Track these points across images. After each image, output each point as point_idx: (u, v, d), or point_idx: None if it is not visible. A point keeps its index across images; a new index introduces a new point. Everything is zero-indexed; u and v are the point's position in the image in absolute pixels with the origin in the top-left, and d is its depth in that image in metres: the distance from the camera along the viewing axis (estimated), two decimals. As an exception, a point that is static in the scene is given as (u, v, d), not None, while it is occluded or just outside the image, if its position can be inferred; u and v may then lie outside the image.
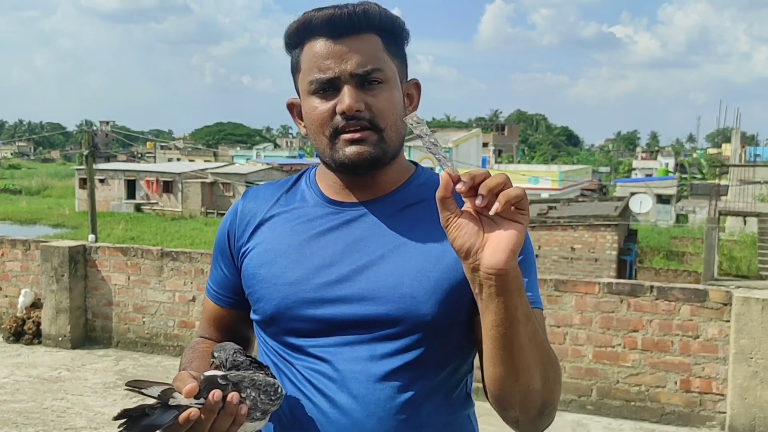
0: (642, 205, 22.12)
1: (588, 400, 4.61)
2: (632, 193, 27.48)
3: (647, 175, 49.89)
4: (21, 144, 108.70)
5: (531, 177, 34.65)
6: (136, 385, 0.99)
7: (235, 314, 1.30)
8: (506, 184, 0.90)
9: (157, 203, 39.02)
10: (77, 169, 40.76)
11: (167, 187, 39.13)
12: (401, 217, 1.17)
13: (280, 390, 1.08)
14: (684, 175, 48.82)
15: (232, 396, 1.00)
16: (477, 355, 1.17)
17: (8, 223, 35.10)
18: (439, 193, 0.93)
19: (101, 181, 37.88)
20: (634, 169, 60.52)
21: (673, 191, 38.47)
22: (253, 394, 1.04)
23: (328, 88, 1.12)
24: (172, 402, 0.96)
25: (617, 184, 43.58)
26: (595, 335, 4.56)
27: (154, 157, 73.74)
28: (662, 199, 37.40)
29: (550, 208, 20.83)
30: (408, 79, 1.22)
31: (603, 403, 4.58)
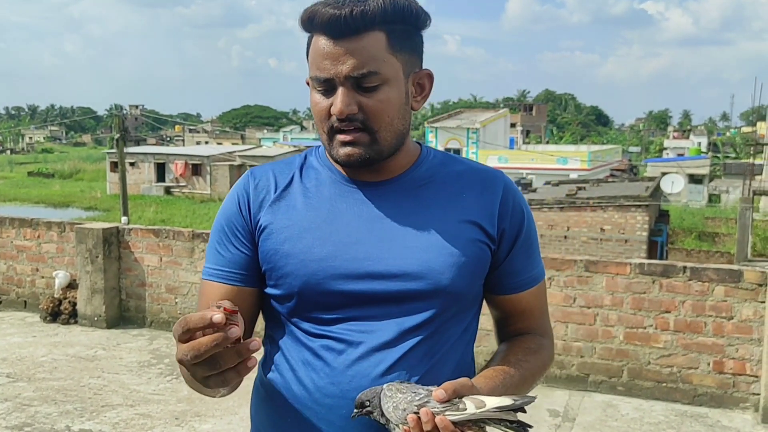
0: (674, 185, 21.77)
1: (619, 381, 4.58)
2: (663, 173, 27.03)
3: (679, 155, 49.05)
4: (53, 128, 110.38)
5: (560, 157, 34.29)
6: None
7: (252, 292, 1.26)
8: None
9: (186, 186, 39.45)
10: (108, 153, 41.32)
11: (196, 170, 39.52)
12: (416, 196, 1.23)
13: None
14: (717, 155, 47.88)
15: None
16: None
17: (42, 206, 35.80)
18: None
19: (131, 164, 38.37)
20: (666, 148, 59.55)
21: (705, 171, 37.82)
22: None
23: (327, 87, 1.14)
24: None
25: (648, 164, 42.94)
26: (626, 316, 4.52)
27: (183, 141, 74.44)
28: (694, 179, 36.78)
29: (579, 188, 20.59)
30: (421, 68, 1.21)
31: (634, 384, 4.55)
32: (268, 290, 1.24)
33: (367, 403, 1.09)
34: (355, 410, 1.09)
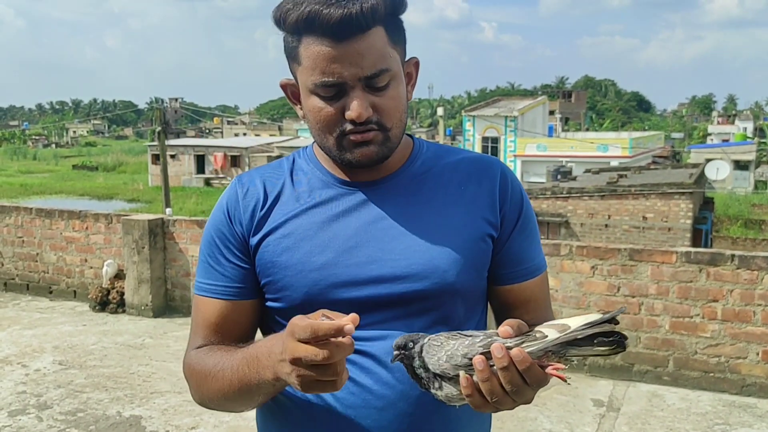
0: (718, 171, 21.31)
1: (664, 371, 4.52)
2: (708, 160, 26.44)
3: (724, 141, 47.85)
4: (96, 122, 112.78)
5: (600, 145, 33.74)
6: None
7: (249, 305, 1.19)
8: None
9: (225, 177, 39.94)
10: (149, 146, 42.06)
11: (235, 161, 39.97)
12: (415, 192, 1.18)
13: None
14: (763, 140, 46.59)
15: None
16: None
17: (87, 198, 36.64)
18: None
19: (172, 156, 38.98)
20: (710, 134, 58.09)
21: (751, 157, 36.80)
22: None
23: (336, 91, 1.08)
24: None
25: (691, 150, 41.95)
26: (672, 305, 4.46)
27: (222, 132, 75.28)
28: (740, 166, 35.86)
29: (621, 176, 20.25)
30: (407, 57, 1.17)
31: (680, 374, 4.48)
32: (269, 304, 1.18)
33: (411, 344, 0.98)
34: (395, 352, 1.00)
